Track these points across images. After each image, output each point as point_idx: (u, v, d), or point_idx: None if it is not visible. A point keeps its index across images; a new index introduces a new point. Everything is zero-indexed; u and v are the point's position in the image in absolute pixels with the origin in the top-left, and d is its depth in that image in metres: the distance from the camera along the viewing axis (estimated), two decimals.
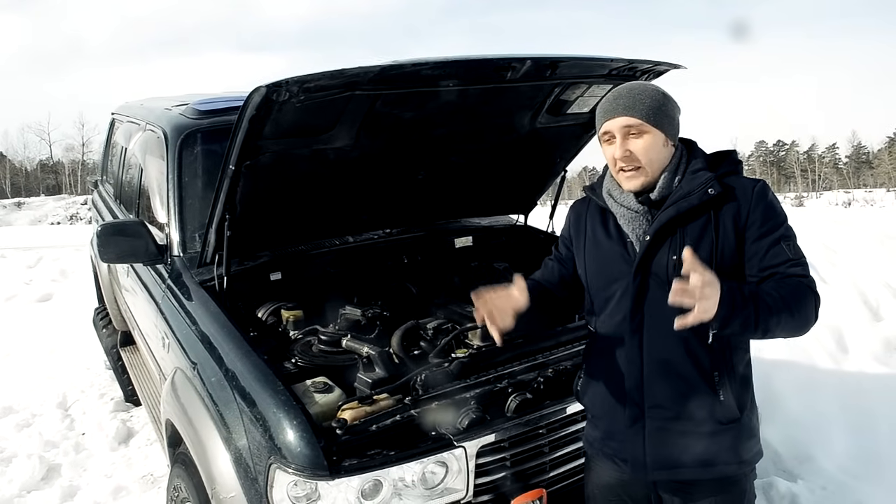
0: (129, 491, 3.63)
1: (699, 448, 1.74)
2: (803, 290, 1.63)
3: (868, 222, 6.87)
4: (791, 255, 1.66)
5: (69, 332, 6.01)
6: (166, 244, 2.95)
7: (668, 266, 1.69)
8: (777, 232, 1.68)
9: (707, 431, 1.74)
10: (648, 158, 1.71)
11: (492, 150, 3.15)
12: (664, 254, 1.71)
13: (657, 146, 1.72)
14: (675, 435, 1.75)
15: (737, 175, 1.76)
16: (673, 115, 1.75)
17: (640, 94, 1.73)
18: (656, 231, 1.71)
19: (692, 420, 1.73)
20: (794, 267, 1.66)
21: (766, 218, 1.69)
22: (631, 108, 1.71)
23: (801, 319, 1.62)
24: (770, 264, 1.66)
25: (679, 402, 1.73)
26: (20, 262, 9.15)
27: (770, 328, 1.59)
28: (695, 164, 1.75)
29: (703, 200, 1.68)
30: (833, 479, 3.37)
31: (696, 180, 1.71)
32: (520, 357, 2.38)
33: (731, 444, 1.75)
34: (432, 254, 3.45)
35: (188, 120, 3.24)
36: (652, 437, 1.76)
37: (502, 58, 2.39)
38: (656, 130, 1.71)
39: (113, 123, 5.25)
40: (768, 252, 1.67)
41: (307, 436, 1.91)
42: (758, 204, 1.70)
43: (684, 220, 1.70)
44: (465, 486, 2.07)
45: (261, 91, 2.10)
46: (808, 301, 1.63)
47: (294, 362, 2.47)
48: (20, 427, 4.38)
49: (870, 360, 4.44)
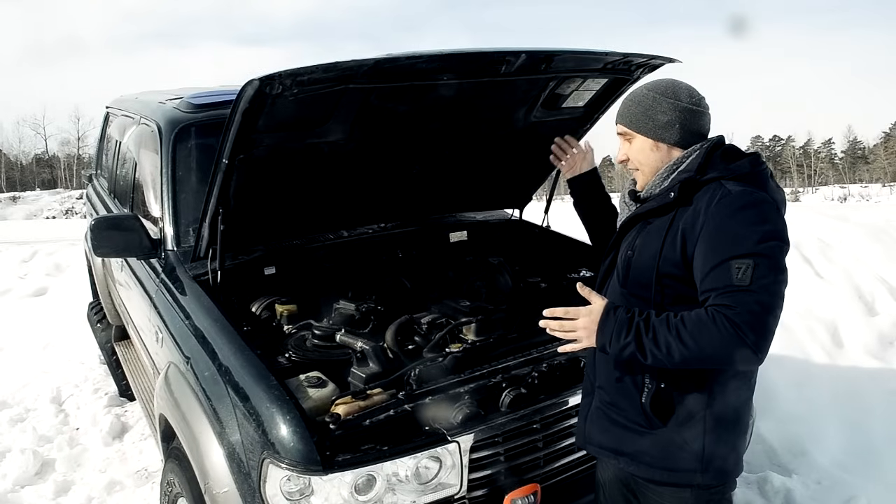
0: (123, 486, 3.63)
1: (624, 438, 1.80)
2: (716, 325, 1.51)
3: (863, 217, 6.88)
4: (735, 279, 1.52)
5: (63, 327, 5.99)
6: (160, 238, 2.94)
7: (623, 261, 1.80)
8: (729, 251, 1.54)
9: (631, 426, 1.78)
10: (639, 161, 1.82)
11: (487, 144, 3.14)
12: (623, 247, 1.82)
13: (645, 150, 1.79)
14: (607, 418, 1.84)
15: (724, 181, 1.64)
16: (660, 118, 1.75)
17: (630, 100, 1.82)
18: (622, 225, 1.84)
19: (621, 410, 1.80)
20: (727, 295, 1.52)
21: (719, 233, 1.57)
22: (621, 116, 1.83)
23: (707, 357, 1.55)
24: (706, 288, 1.57)
25: (613, 389, 1.81)
26: (15, 257, 9.11)
27: (671, 362, 1.57)
28: (688, 166, 1.73)
29: (661, 204, 1.72)
30: (827, 473, 3.38)
31: (671, 183, 1.73)
32: (514, 352, 2.37)
33: (648, 446, 1.75)
34: (427, 248, 3.44)
35: (182, 114, 3.23)
36: (593, 412, 1.89)
37: (497, 51, 2.38)
38: (641, 136, 1.79)
39: (107, 117, 5.23)
40: (709, 274, 1.57)
41: (300, 430, 1.91)
42: (714, 216, 1.59)
43: (648, 220, 1.76)
44: (459, 481, 2.06)
45: (254, 84, 2.09)
46: (720, 337, 1.51)
47: (288, 357, 2.46)
48: (14, 422, 4.37)
49: (864, 355, 4.46)
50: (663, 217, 1.71)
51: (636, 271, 1.74)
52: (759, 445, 3.58)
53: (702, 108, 1.78)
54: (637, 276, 1.73)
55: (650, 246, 1.71)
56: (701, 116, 1.77)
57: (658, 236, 1.69)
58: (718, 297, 1.53)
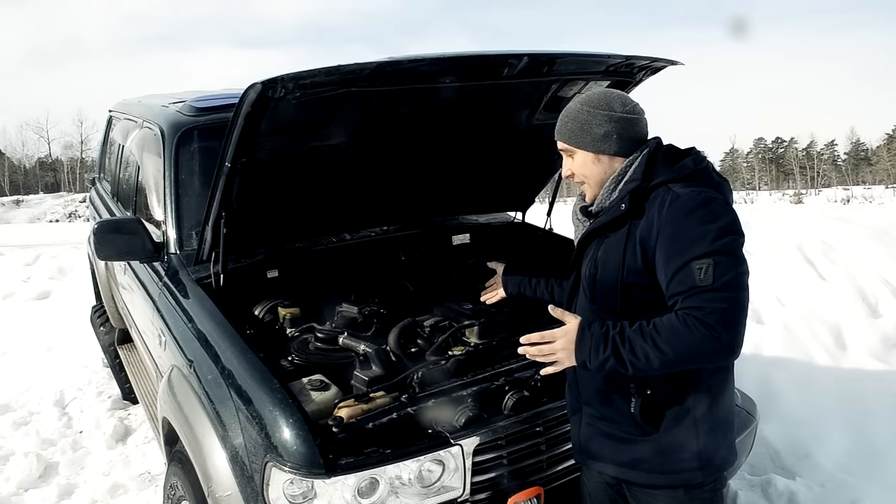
0: (126, 489, 3.63)
1: (619, 449, 1.80)
2: (689, 327, 1.54)
3: (866, 219, 6.86)
4: (698, 280, 1.54)
5: (67, 330, 5.99)
6: (163, 242, 2.94)
7: (585, 276, 1.81)
8: (687, 253, 1.56)
9: (624, 436, 1.78)
10: (583, 175, 1.83)
11: (489, 146, 3.14)
12: (585, 264, 1.83)
13: (587, 164, 1.81)
14: (599, 432, 1.84)
15: (671, 184, 1.66)
16: (596, 131, 1.76)
17: (566, 117, 1.83)
18: (579, 242, 1.86)
19: (612, 422, 1.80)
20: (694, 296, 1.55)
21: (675, 237, 1.59)
22: (559, 133, 1.85)
23: (685, 359, 1.58)
24: (673, 292, 1.59)
25: (601, 403, 1.82)
26: (18, 260, 9.12)
27: (650, 369, 1.60)
28: (633, 174, 1.74)
29: (614, 217, 1.73)
30: (831, 476, 3.37)
31: (622, 193, 1.73)
32: (517, 354, 2.36)
33: (646, 453, 1.76)
34: (430, 251, 3.44)
35: (185, 117, 3.23)
36: (584, 429, 1.89)
37: (499, 54, 2.38)
38: (581, 151, 1.80)
39: (110, 121, 5.23)
40: (673, 278, 1.59)
41: (303, 434, 1.91)
42: (668, 221, 1.61)
43: (604, 233, 1.78)
44: (462, 485, 2.06)
45: (256, 87, 2.09)
46: (693, 338, 1.54)
47: (291, 360, 2.46)
48: (18, 425, 4.37)
49: (868, 357, 4.44)
50: (619, 229, 1.72)
51: (602, 286, 1.75)
52: (762, 448, 3.57)
53: (637, 115, 1.79)
54: (603, 290, 1.75)
55: (611, 260, 1.72)
56: (636, 123, 1.78)
57: (618, 249, 1.71)
58: (686, 299, 1.56)
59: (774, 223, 6.14)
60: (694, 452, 1.74)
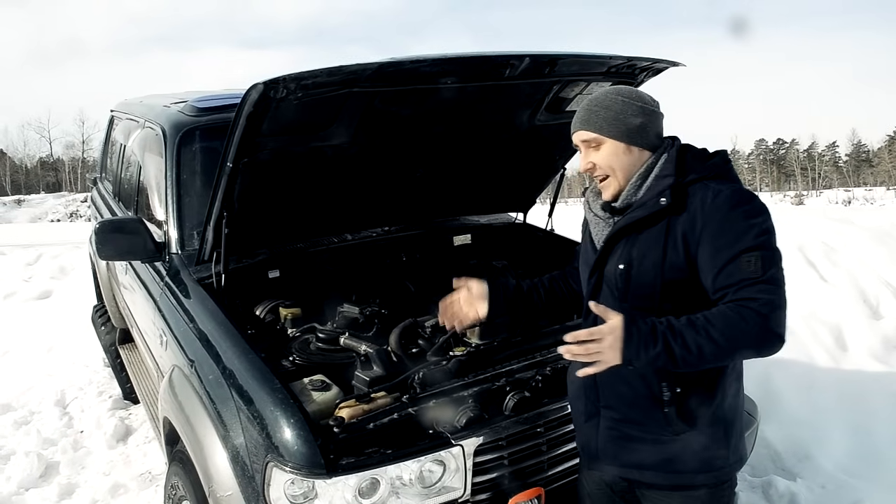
0: (127, 489, 3.63)
1: (645, 451, 1.77)
2: (745, 318, 1.54)
3: (868, 220, 6.85)
4: (745, 275, 1.57)
5: (68, 330, 6.00)
6: (164, 241, 2.94)
7: (616, 274, 1.74)
8: (735, 247, 1.58)
9: (653, 438, 1.75)
10: (612, 167, 1.75)
11: (490, 147, 3.14)
12: (614, 263, 1.75)
13: (617, 155, 1.74)
14: (623, 436, 1.79)
15: (707, 181, 1.68)
16: (632, 121, 1.74)
17: (595, 106, 1.76)
18: (608, 239, 1.77)
19: (638, 424, 1.76)
20: (744, 289, 1.56)
21: (722, 231, 1.61)
22: (586, 122, 1.76)
23: (746, 348, 1.58)
24: (722, 285, 1.60)
25: (626, 405, 1.78)
26: (20, 260, 9.12)
27: (701, 363, 1.58)
28: (664, 169, 1.72)
29: (653, 211, 1.68)
30: (832, 477, 3.37)
31: (655, 188, 1.71)
32: (518, 355, 2.37)
33: (678, 453, 1.74)
34: (431, 252, 3.44)
35: (187, 117, 3.23)
36: (603, 434, 1.83)
37: (501, 55, 2.38)
38: (612, 140, 1.74)
39: (112, 121, 5.24)
40: (721, 271, 1.59)
41: (304, 434, 1.91)
42: (713, 216, 1.62)
43: (637, 229, 1.72)
44: (463, 485, 2.06)
45: (258, 88, 2.10)
46: (751, 328, 1.54)
47: (292, 360, 2.46)
48: (18, 424, 4.38)
49: (869, 359, 4.44)
50: (655, 225, 1.69)
51: (637, 283, 1.70)
52: (763, 449, 3.57)
53: (661, 111, 1.81)
54: (638, 287, 1.70)
55: (649, 255, 1.68)
56: (661, 118, 1.80)
57: (656, 244, 1.68)
58: (738, 291, 1.57)
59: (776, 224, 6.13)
60: (728, 448, 1.77)
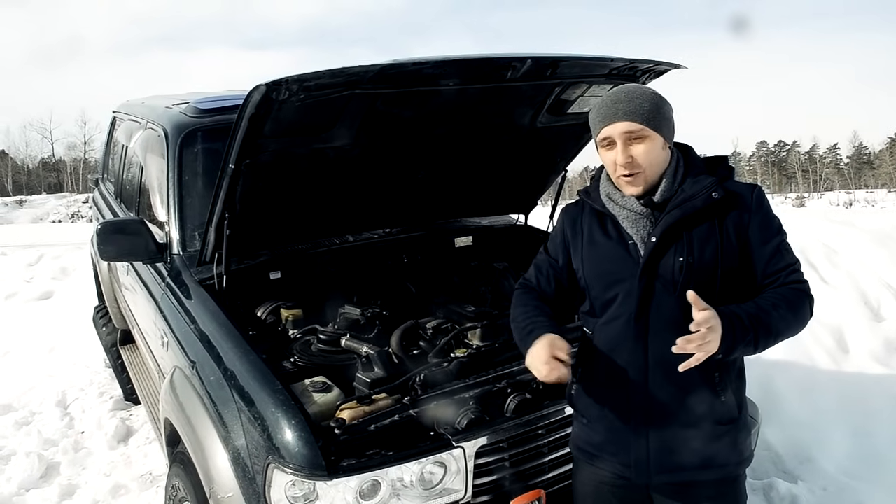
0: (127, 490, 3.63)
1: (702, 449, 1.75)
2: (801, 298, 1.69)
3: (869, 222, 6.85)
4: (789, 260, 1.73)
5: (69, 331, 6.00)
6: (166, 242, 2.95)
7: (675, 268, 1.69)
8: (777, 238, 1.74)
9: (708, 432, 1.75)
10: (649, 162, 1.70)
11: (492, 149, 3.14)
12: (671, 256, 1.70)
13: (657, 150, 1.71)
14: (679, 438, 1.74)
15: (733, 180, 1.80)
16: (670, 117, 1.75)
17: (639, 97, 1.71)
18: (663, 232, 1.70)
19: (695, 422, 1.74)
20: (793, 273, 1.72)
21: (766, 224, 1.74)
22: (632, 113, 1.69)
23: (798, 327, 1.70)
24: (773, 270, 1.72)
25: (683, 404, 1.73)
26: (21, 260, 9.13)
27: (769, 345, 1.66)
28: (696, 168, 1.77)
29: (707, 204, 1.69)
30: (833, 480, 3.37)
31: (699, 183, 1.72)
32: (519, 357, 2.36)
33: (731, 442, 1.78)
34: (432, 253, 3.45)
35: (189, 118, 3.24)
36: (655, 440, 1.75)
37: (503, 57, 2.39)
38: (656, 134, 1.70)
39: (114, 122, 5.25)
40: (771, 259, 1.72)
41: (305, 435, 1.91)
42: (758, 209, 1.74)
43: (690, 222, 1.70)
44: (464, 487, 2.06)
45: (261, 89, 2.10)
46: (805, 308, 1.70)
47: (293, 361, 2.46)
48: (19, 425, 4.38)
49: (870, 361, 4.43)
50: (708, 217, 1.71)
51: (699, 275, 1.69)
52: (764, 452, 3.57)
53: None
54: (700, 278, 1.68)
55: (709, 246, 1.70)
56: None
57: (712, 235, 1.71)
58: (789, 275, 1.71)
59: None
60: (750, 436, 1.87)
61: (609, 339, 1.79)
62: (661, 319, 1.70)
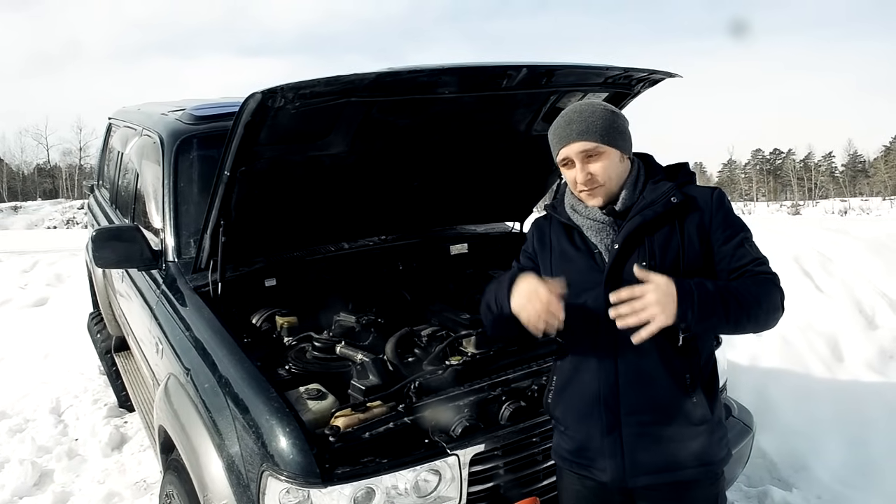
0: (121, 497, 3.61)
1: (676, 450, 1.77)
2: (770, 286, 1.72)
3: (864, 231, 6.88)
4: (755, 255, 1.76)
5: (64, 337, 5.99)
6: (161, 249, 2.94)
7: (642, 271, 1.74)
8: (739, 235, 1.77)
9: (681, 433, 1.77)
10: (608, 177, 1.77)
11: (487, 157, 3.15)
12: (633, 261, 1.74)
13: (615, 164, 1.78)
14: (652, 440, 1.77)
15: (693, 185, 1.84)
16: (624, 129, 1.80)
17: (590, 115, 1.77)
18: (624, 239, 1.76)
19: (668, 424, 1.77)
20: (760, 265, 1.75)
21: (727, 223, 1.78)
22: (585, 133, 1.75)
23: (770, 312, 1.71)
24: (738, 265, 1.75)
25: (654, 407, 1.77)
26: (16, 266, 9.12)
27: (741, 321, 1.68)
28: (655, 175, 1.83)
29: (667, 208, 1.76)
30: (828, 488, 3.37)
31: (657, 190, 1.78)
32: (514, 364, 2.37)
33: (705, 442, 1.80)
34: (427, 261, 3.45)
35: (184, 125, 3.24)
36: (629, 443, 1.78)
37: (498, 65, 2.40)
38: (611, 149, 1.76)
39: (110, 128, 5.25)
40: (735, 254, 1.75)
41: (300, 443, 1.91)
42: (718, 210, 1.79)
43: (650, 227, 1.76)
44: (459, 494, 2.06)
45: (256, 97, 2.10)
46: (775, 295, 1.72)
47: (287, 369, 2.46)
48: (13, 432, 4.36)
49: (865, 369, 4.45)
50: (667, 221, 1.76)
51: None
52: (759, 459, 3.57)
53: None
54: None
55: (669, 249, 1.74)
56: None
57: (672, 239, 1.75)
58: (756, 267, 1.74)
59: (772, 234, 6.15)
60: (726, 436, 1.86)
61: (580, 346, 1.83)
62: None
